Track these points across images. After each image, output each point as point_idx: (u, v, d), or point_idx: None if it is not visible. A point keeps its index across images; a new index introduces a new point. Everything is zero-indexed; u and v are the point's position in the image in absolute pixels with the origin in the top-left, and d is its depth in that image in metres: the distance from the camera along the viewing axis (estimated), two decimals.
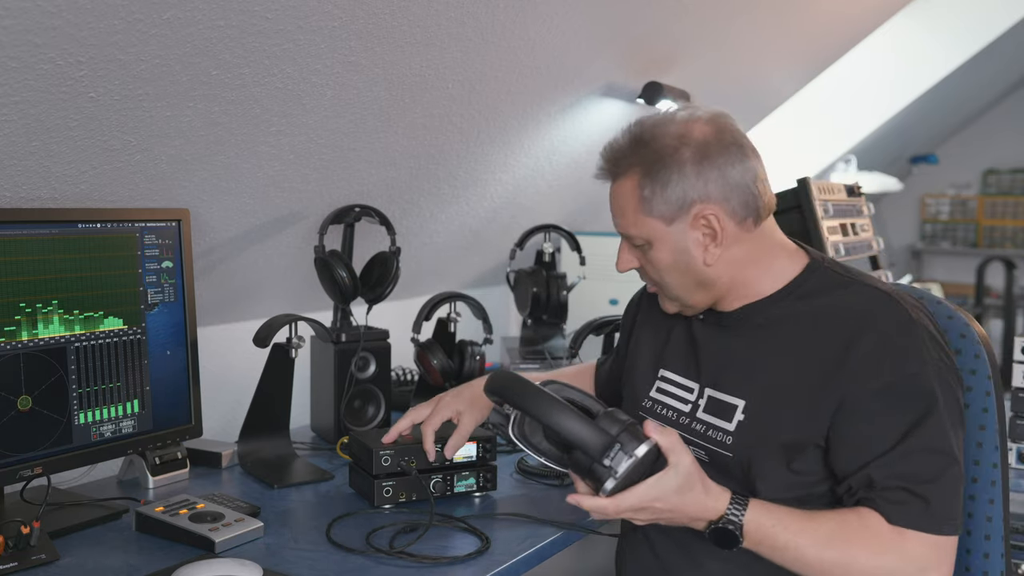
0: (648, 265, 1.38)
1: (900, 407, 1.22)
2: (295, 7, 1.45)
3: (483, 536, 1.45)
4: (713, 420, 1.35)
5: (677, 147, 1.29)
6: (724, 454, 1.33)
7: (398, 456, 1.58)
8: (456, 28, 1.76)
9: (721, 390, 1.36)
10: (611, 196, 1.38)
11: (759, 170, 1.33)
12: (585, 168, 2.68)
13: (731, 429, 1.32)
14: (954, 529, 1.22)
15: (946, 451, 1.22)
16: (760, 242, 1.35)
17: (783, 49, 3.11)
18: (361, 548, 1.41)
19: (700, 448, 1.36)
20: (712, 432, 1.35)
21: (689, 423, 1.39)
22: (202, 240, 1.83)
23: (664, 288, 1.39)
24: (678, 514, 1.22)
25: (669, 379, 1.45)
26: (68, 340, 1.50)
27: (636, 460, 1.17)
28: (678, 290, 1.37)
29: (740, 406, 1.33)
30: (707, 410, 1.37)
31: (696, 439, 1.36)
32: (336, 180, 1.98)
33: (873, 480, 1.22)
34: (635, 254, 1.39)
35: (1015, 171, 6.74)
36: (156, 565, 1.34)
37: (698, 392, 1.40)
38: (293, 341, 1.85)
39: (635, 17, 2.19)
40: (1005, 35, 4.21)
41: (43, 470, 1.47)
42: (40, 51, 1.25)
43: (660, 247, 1.34)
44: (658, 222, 1.32)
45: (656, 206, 1.31)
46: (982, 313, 6.03)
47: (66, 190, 1.53)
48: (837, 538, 1.21)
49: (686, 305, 1.39)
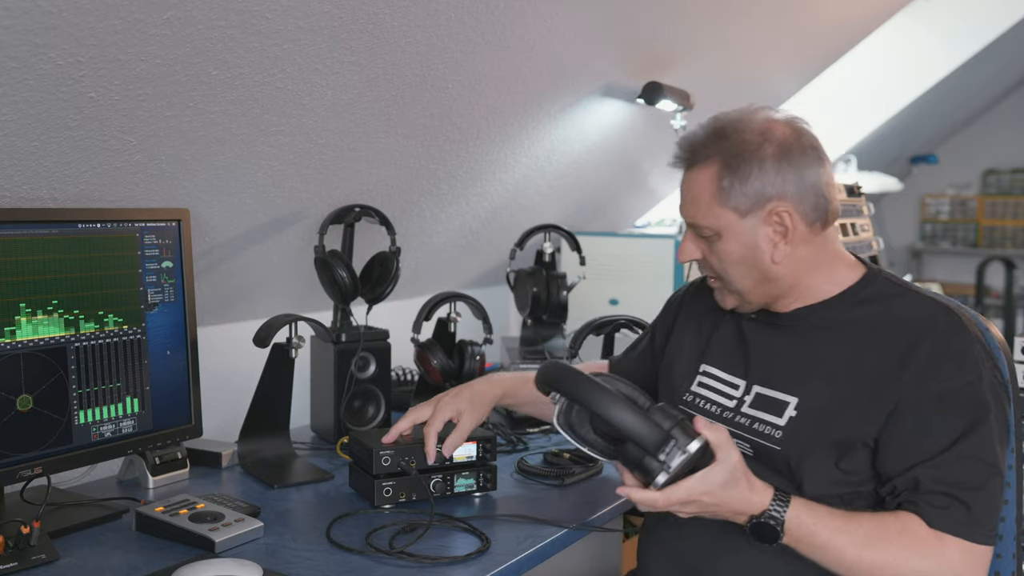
0: (713, 257, 1.39)
1: (954, 413, 1.25)
2: (295, 7, 1.45)
3: (483, 536, 1.45)
4: (761, 415, 1.37)
5: (760, 143, 1.32)
6: (772, 448, 1.34)
7: (398, 456, 1.58)
8: (456, 28, 1.77)
9: (771, 387, 1.38)
10: (684, 184, 1.39)
11: (830, 177, 1.38)
12: (585, 168, 2.69)
13: (781, 424, 1.35)
14: (991, 540, 1.24)
15: (992, 462, 1.25)
16: (824, 247, 1.38)
17: (783, 49, 3.11)
18: (361, 548, 1.41)
19: (745, 442, 1.37)
20: (759, 426, 1.37)
21: (733, 417, 1.40)
22: (202, 240, 1.83)
23: (726, 281, 1.40)
24: (723, 508, 1.25)
25: (712, 374, 1.47)
26: (68, 340, 1.50)
27: (688, 456, 1.21)
28: (740, 283, 1.39)
29: (792, 403, 1.35)
30: (754, 405, 1.39)
31: (742, 432, 1.38)
32: (336, 180, 1.98)
33: (919, 482, 1.24)
34: (699, 245, 1.40)
35: (1015, 171, 6.74)
36: (156, 565, 1.33)
37: (744, 388, 1.42)
38: (293, 341, 1.85)
39: (635, 17, 2.19)
40: (1005, 35, 4.21)
41: (43, 470, 1.47)
42: (40, 51, 1.25)
43: (730, 239, 1.36)
44: (732, 214, 1.34)
45: (733, 197, 1.33)
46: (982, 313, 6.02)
47: (66, 190, 1.53)
48: (877, 539, 1.23)
49: (745, 301, 1.41)
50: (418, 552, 1.38)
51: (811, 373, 1.35)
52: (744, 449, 1.35)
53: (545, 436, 2.06)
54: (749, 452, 1.37)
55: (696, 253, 1.41)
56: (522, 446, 1.98)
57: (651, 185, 3.22)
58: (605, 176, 2.86)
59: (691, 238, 1.41)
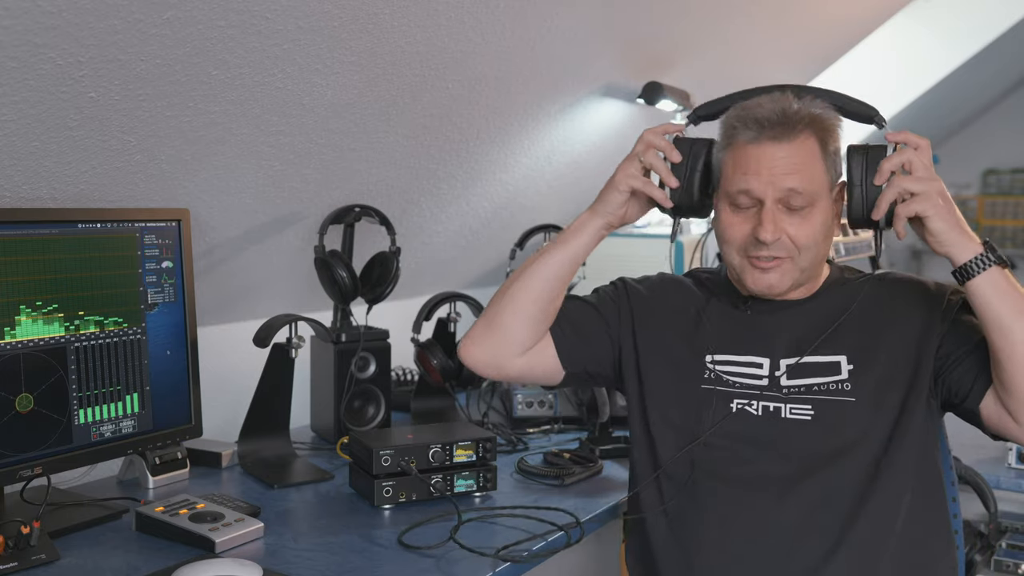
0: (798, 231, 1.38)
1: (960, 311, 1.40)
2: (295, 7, 1.45)
3: (484, 536, 1.45)
4: (815, 380, 1.40)
5: (837, 126, 1.41)
6: (845, 400, 1.38)
7: (398, 456, 1.58)
8: (456, 28, 1.76)
9: (810, 355, 1.41)
10: (781, 155, 1.36)
11: None
12: (585, 168, 2.69)
13: (845, 377, 1.39)
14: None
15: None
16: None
17: (783, 49, 3.11)
18: (361, 548, 1.41)
19: (803, 403, 1.39)
20: (820, 387, 1.40)
21: (772, 390, 1.42)
22: (202, 240, 1.83)
23: (800, 258, 1.40)
24: (954, 208, 1.33)
25: (723, 360, 1.46)
26: (68, 340, 1.50)
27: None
28: (811, 260, 1.41)
29: (843, 360, 1.40)
30: (796, 376, 1.41)
31: (795, 396, 1.40)
32: (336, 180, 1.98)
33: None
34: (787, 221, 1.38)
35: (1015, 171, 6.74)
36: (156, 565, 1.33)
37: (771, 364, 1.43)
38: (293, 341, 1.85)
39: (635, 17, 2.19)
40: (1005, 35, 4.21)
41: (43, 470, 1.47)
42: (40, 51, 1.25)
43: (820, 210, 1.39)
44: (827, 184, 1.40)
45: (830, 167, 1.39)
46: None
47: (66, 190, 1.53)
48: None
49: (798, 282, 1.43)
50: (418, 551, 1.38)
51: (844, 336, 1.41)
52: (798, 416, 1.39)
53: (545, 436, 2.07)
54: (807, 414, 1.39)
55: (783, 230, 1.38)
56: (522, 446, 1.98)
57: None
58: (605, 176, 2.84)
59: (781, 214, 1.37)
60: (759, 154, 1.36)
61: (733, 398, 1.42)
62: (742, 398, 1.42)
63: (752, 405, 1.41)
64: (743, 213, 1.39)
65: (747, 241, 1.39)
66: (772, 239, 1.36)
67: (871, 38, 3.57)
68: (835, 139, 1.40)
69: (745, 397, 1.42)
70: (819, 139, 1.38)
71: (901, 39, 3.97)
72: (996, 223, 6.76)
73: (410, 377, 2.46)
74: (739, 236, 1.40)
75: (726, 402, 1.42)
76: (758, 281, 1.41)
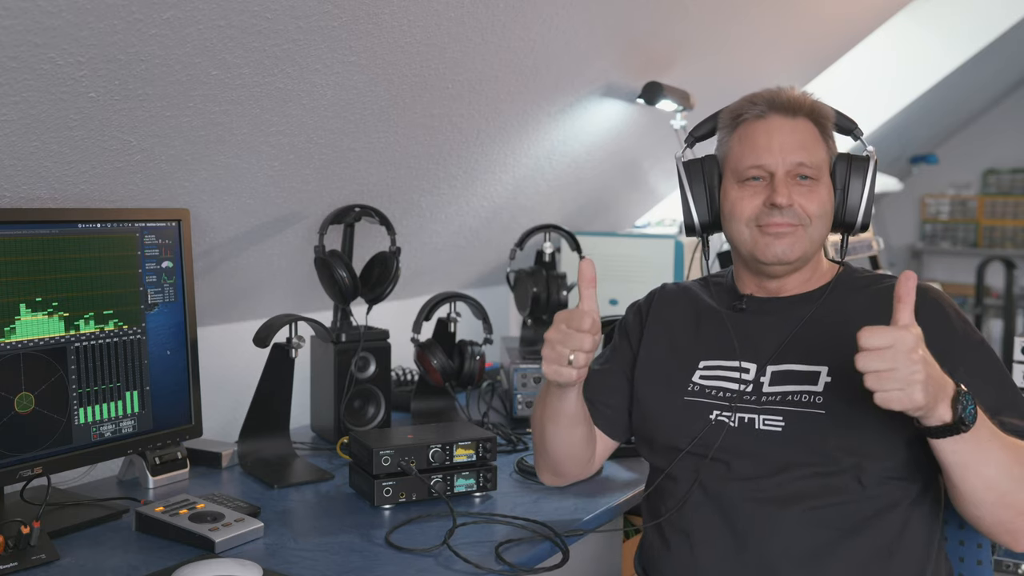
0: (808, 201, 1.41)
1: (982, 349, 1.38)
2: (295, 7, 1.45)
3: (484, 536, 1.45)
4: (790, 388, 1.38)
5: (832, 119, 1.45)
6: (815, 412, 1.35)
7: (398, 456, 1.58)
8: (456, 28, 1.76)
9: (791, 363, 1.40)
10: (786, 131, 1.41)
11: None
12: (585, 168, 2.69)
13: (819, 390, 1.36)
14: None
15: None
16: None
17: (783, 49, 3.11)
18: (361, 548, 1.41)
19: (775, 414, 1.37)
20: (794, 396, 1.37)
21: (753, 397, 1.40)
22: (202, 240, 1.83)
23: (811, 228, 1.42)
24: (934, 370, 1.17)
25: (714, 366, 1.46)
26: (68, 340, 1.50)
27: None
28: (820, 233, 1.43)
29: (823, 371, 1.37)
30: (776, 383, 1.40)
31: (769, 407, 1.38)
32: (336, 180, 1.98)
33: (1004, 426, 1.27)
34: (797, 191, 1.40)
35: (1015, 171, 6.74)
36: (156, 565, 1.34)
37: (757, 370, 1.42)
38: (293, 341, 1.85)
39: (635, 17, 2.19)
40: (1005, 35, 4.21)
41: (43, 470, 1.47)
42: (40, 51, 1.25)
43: (824, 186, 1.43)
44: (827, 167, 1.44)
45: (830, 146, 1.45)
46: (982, 313, 6.03)
47: (66, 190, 1.53)
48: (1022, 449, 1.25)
49: (808, 255, 1.44)
50: (418, 552, 1.38)
51: (831, 343, 1.37)
52: (771, 427, 1.37)
53: None
54: (778, 425, 1.36)
55: (795, 197, 1.40)
56: (522, 446, 1.98)
57: (651, 185, 3.22)
58: (605, 176, 2.86)
59: (793, 182, 1.40)
60: (768, 128, 1.41)
61: (712, 410, 1.41)
62: (721, 409, 1.41)
63: (730, 416, 1.39)
64: (752, 187, 1.42)
65: (758, 211, 1.41)
66: (787, 204, 1.39)
67: (871, 38, 3.57)
68: (830, 129, 1.45)
69: (724, 408, 1.40)
70: (818, 124, 1.43)
71: (901, 39, 3.97)
72: (996, 223, 6.76)
73: (410, 377, 2.46)
74: (749, 208, 1.41)
75: (705, 414, 1.41)
76: (770, 248, 1.41)
